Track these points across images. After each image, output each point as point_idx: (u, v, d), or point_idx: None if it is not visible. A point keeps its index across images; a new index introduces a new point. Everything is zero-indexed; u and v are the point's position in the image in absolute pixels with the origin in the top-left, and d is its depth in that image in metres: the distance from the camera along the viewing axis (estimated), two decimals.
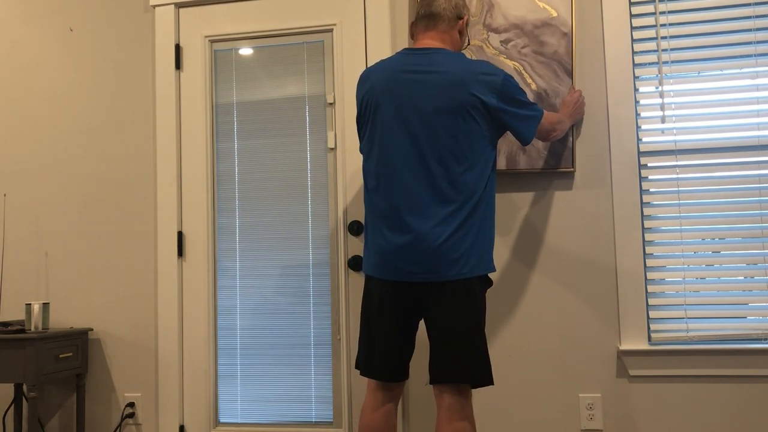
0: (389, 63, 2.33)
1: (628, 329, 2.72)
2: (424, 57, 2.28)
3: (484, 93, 2.22)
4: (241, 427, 3.04)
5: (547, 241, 2.81)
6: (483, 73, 2.24)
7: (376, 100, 2.29)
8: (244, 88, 3.13)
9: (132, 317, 3.17)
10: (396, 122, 2.25)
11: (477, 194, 2.21)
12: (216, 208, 3.13)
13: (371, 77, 2.34)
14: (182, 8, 3.19)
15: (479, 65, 2.27)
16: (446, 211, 2.19)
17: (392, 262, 2.23)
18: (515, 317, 2.82)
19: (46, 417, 3.23)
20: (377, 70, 2.34)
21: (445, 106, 2.21)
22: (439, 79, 2.23)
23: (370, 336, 2.33)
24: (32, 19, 3.37)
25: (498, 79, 2.24)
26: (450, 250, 2.18)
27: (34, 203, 3.30)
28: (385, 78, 2.30)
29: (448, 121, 2.21)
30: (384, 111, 2.28)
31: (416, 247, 2.19)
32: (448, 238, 2.18)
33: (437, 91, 2.22)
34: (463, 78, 2.22)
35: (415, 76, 2.26)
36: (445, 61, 2.26)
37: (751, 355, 2.62)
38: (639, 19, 2.80)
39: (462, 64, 2.26)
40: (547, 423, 2.78)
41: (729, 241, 2.71)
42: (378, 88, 2.30)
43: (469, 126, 2.21)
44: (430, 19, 2.35)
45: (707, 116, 2.74)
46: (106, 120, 3.26)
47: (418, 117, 2.23)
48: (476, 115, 2.22)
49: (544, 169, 2.80)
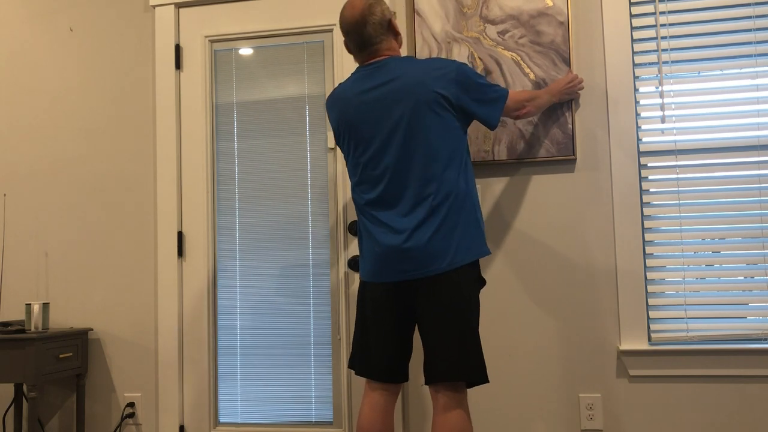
0: (349, 88, 2.36)
1: (628, 329, 2.72)
2: (377, 70, 2.32)
3: (443, 87, 2.25)
4: (241, 427, 3.04)
5: (547, 241, 2.81)
6: (436, 68, 2.28)
7: (347, 126, 2.35)
8: (244, 88, 3.13)
9: (132, 317, 3.17)
10: (371, 138, 2.30)
11: (458, 187, 2.25)
12: (216, 208, 3.13)
13: (336, 105, 2.39)
14: (182, 8, 3.19)
15: (431, 62, 2.31)
16: (429, 208, 2.22)
17: (384, 264, 2.26)
18: (515, 317, 2.82)
19: (46, 417, 3.23)
20: (339, 99, 2.38)
21: (410, 110, 2.25)
22: (398, 86, 2.27)
23: (366, 336, 2.34)
24: (32, 20, 3.37)
25: (452, 69, 2.28)
26: (437, 245, 2.20)
27: (34, 203, 3.30)
28: (348, 105, 2.34)
29: (417, 123, 2.25)
30: (357, 132, 2.33)
31: (404, 246, 2.22)
32: (434, 233, 2.21)
33: (399, 97, 2.26)
34: (419, 78, 2.26)
35: (375, 92, 2.30)
36: (398, 68, 2.30)
37: (751, 355, 2.62)
38: (639, 19, 2.80)
39: (415, 65, 2.30)
40: (547, 423, 2.78)
41: (729, 241, 2.71)
42: (346, 115, 2.35)
43: (436, 122, 2.25)
44: (365, 46, 2.35)
45: (707, 116, 2.74)
46: (106, 120, 3.26)
47: (389, 127, 2.27)
48: (440, 110, 2.25)
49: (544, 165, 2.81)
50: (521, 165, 2.85)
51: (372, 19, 2.32)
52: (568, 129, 2.78)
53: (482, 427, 2.83)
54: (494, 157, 2.83)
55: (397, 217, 2.25)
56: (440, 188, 2.23)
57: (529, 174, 2.85)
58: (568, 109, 2.79)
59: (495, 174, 2.87)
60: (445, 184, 2.23)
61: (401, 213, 2.25)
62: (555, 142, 2.78)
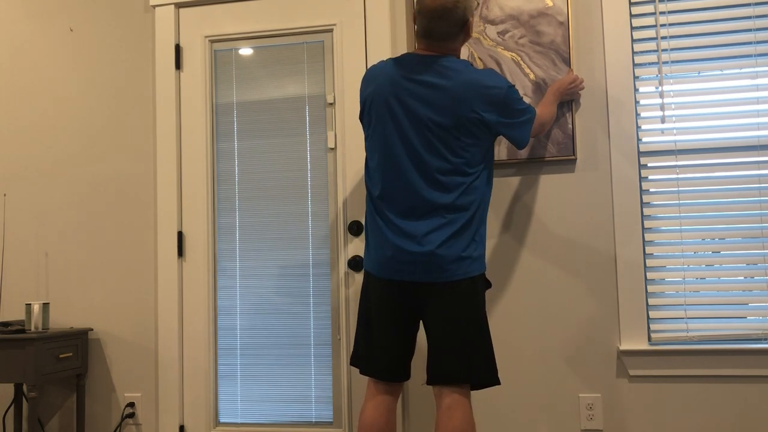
0: (395, 67, 2.31)
1: (628, 329, 2.72)
2: (434, 64, 2.27)
3: (486, 109, 2.24)
4: (241, 427, 3.04)
5: (547, 241, 2.81)
6: (486, 87, 2.24)
7: (380, 106, 2.30)
8: (244, 88, 3.13)
9: (132, 317, 3.17)
10: (398, 131, 2.27)
11: (476, 202, 2.26)
12: (216, 208, 3.13)
13: (376, 79, 2.33)
14: (182, 8, 3.19)
15: (483, 78, 2.26)
16: (446, 218, 2.22)
17: (392, 262, 2.25)
18: (515, 317, 2.82)
19: (46, 417, 3.23)
20: (382, 73, 2.32)
21: (446, 122, 2.23)
22: (442, 95, 2.23)
23: (370, 334, 2.34)
24: (32, 20, 3.37)
25: (501, 93, 2.25)
26: (447, 254, 2.21)
27: (34, 203, 3.30)
28: (389, 83, 2.29)
29: (448, 136, 2.23)
30: (387, 118, 2.29)
31: (415, 249, 2.21)
32: (447, 240, 2.21)
33: (439, 106, 2.23)
34: (465, 93, 2.22)
35: (418, 87, 2.26)
36: (453, 72, 2.25)
37: (751, 355, 2.62)
38: (639, 19, 2.80)
39: (466, 76, 2.24)
40: (547, 423, 2.78)
41: (729, 241, 2.71)
42: (382, 93, 2.29)
43: (467, 138, 2.24)
44: (433, 36, 2.29)
45: (707, 116, 2.74)
46: (106, 120, 3.26)
47: (419, 129, 2.25)
48: (476, 131, 2.25)
49: (544, 165, 2.81)
50: (521, 165, 2.85)
51: (453, 14, 2.25)
52: (568, 129, 2.78)
53: (482, 427, 2.83)
54: (494, 157, 2.83)
55: (410, 220, 2.24)
56: (458, 201, 2.23)
57: (529, 174, 2.85)
58: (568, 109, 2.79)
59: (495, 174, 2.87)
60: (463, 197, 2.23)
61: (414, 216, 2.24)
62: (555, 142, 2.78)
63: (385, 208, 2.28)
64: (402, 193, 2.26)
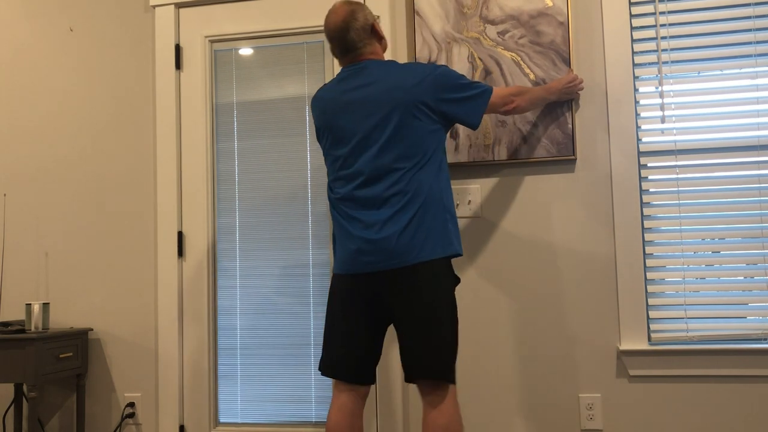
0: (332, 88, 2.42)
1: (628, 329, 2.72)
2: (359, 72, 2.37)
3: (422, 91, 2.29)
4: (241, 427, 3.04)
5: (547, 241, 2.81)
6: (416, 73, 2.31)
7: (328, 123, 2.38)
8: (244, 88, 3.13)
9: (132, 317, 3.17)
10: (350, 137, 2.33)
11: (430, 188, 2.28)
12: (216, 208, 3.13)
13: (319, 104, 2.43)
14: (182, 8, 3.19)
15: (410, 66, 2.35)
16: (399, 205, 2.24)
17: (354, 257, 2.27)
18: (515, 317, 2.82)
19: (46, 417, 3.23)
20: (322, 98, 2.43)
21: (389, 112, 2.28)
22: (378, 89, 2.31)
23: (332, 333, 2.34)
24: (32, 20, 3.37)
25: (429, 73, 2.31)
26: (406, 240, 2.22)
27: (34, 203, 3.30)
28: (330, 103, 2.39)
29: (395, 125, 2.28)
30: (338, 130, 2.36)
31: (374, 238, 2.24)
32: (404, 228, 2.22)
33: (379, 100, 2.30)
34: (399, 82, 2.30)
35: (356, 93, 2.34)
36: (379, 71, 2.34)
37: (751, 355, 2.62)
38: (639, 19, 2.80)
39: (395, 69, 2.34)
40: (547, 423, 2.78)
41: (729, 241, 2.71)
42: (327, 113, 2.39)
43: (414, 125, 2.28)
44: (348, 50, 2.40)
45: (707, 116, 2.74)
46: (106, 120, 3.26)
47: (367, 127, 2.30)
48: (419, 114, 2.28)
49: (543, 165, 2.81)
50: (521, 165, 2.85)
51: (355, 24, 2.36)
52: (568, 129, 2.78)
53: (482, 427, 2.83)
54: (494, 157, 2.83)
55: (370, 211, 2.27)
56: (411, 187, 2.25)
57: (530, 174, 2.85)
58: (568, 109, 2.79)
59: (495, 174, 2.87)
60: (416, 183, 2.26)
61: (374, 208, 2.27)
62: (555, 142, 2.78)
63: (347, 208, 2.32)
64: (360, 190, 2.30)
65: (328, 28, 2.40)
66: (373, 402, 2.90)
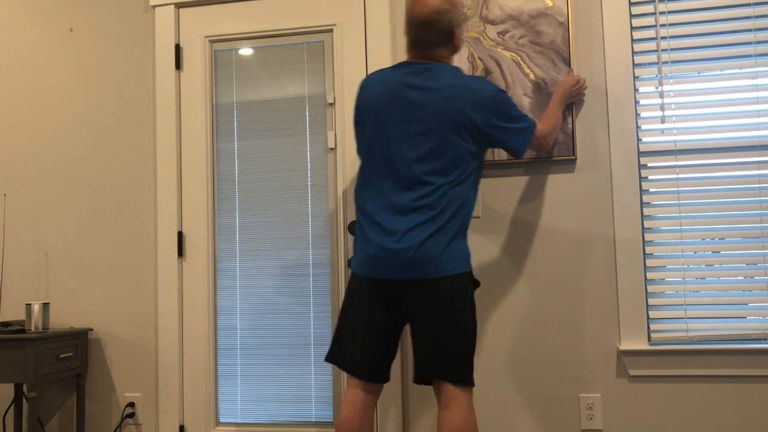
0: (390, 76, 2.36)
1: (628, 329, 2.72)
2: (425, 72, 2.32)
3: (475, 111, 2.27)
4: (241, 427, 3.04)
5: (547, 241, 2.81)
6: (473, 90, 2.29)
7: (375, 112, 2.34)
8: (244, 88, 3.13)
9: (132, 317, 3.17)
10: (389, 135, 2.31)
11: (461, 204, 2.28)
12: (216, 208, 3.13)
13: (373, 88, 2.38)
14: (182, 8, 3.19)
15: (472, 82, 2.31)
16: (427, 217, 2.24)
17: (375, 261, 2.27)
18: (515, 317, 2.82)
19: (46, 417, 3.23)
20: (378, 82, 2.37)
21: (435, 124, 2.27)
22: (434, 97, 2.28)
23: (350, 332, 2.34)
24: (32, 20, 3.37)
25: (488, 95, 2.29)
26: (430, 250, 2.22)
27: (34, 203, 3.30)
28: (385, 91, 2.34)
29: (439, 140, 2.26)
30: (380, 123, 2.33)
31: (395, 246, 2.23)
32: (428, 238, 2.22)
33: (431, 109, 2.28)
34: (456, 96, 2.27)
35: (413, 93, 2.30)
36: (442, 78, 2.30)
37: (751, 355, 2.62)
38: (639, 19, 2.80)
39: (456, 81, 2.30)
40: (547, 423, 2.78)
41: (729, 241, 2.71)
42: (378, 100, 2.34)
43: (458, 144, 2.27)
44: (420, 46, 2.36)
45: (707, 116, 2.74)
46: (106, 120, 3.26)
47: (409, 131, 2.29)
48: (465, 134, 2.28)
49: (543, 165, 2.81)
50: (521, 165, 2.85)
51: (438, 25, 2.31)
52: (568, 129, 2.78)
53: (482, 427, 2.83)
54: (494, 157, 2.83)
55: (393, 217, 2.26)
56: (441, 202, 2.25)
57: (529, 174, 2.85)
58: (568, 110, 2.79)
59: (495, 174, 2.87)
60: (447, 199, 2.25)
61: (398, 214, 2.26)
62: (555, 142, 2.78)
63: (370, 209, 2.31)
64: (388, 193, 2.29)
65: (412, 15, 2.33)
66: None
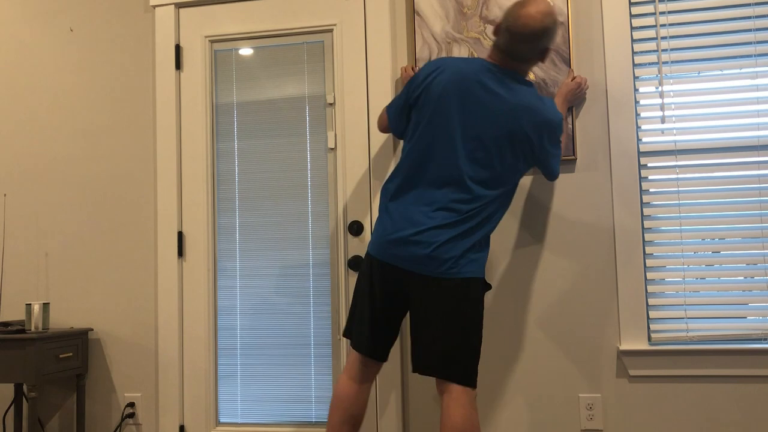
0: (467, 66, 2.33)
1: (628, 329, 2.72)
2: (501, 78, 2.31)
3: (535, 132, 2.30)
4: (241, 427, 3.04)
5: (547, 241, 2.81)
6: (541, 113, 2.30)
7: (440, 97, 2.31)
8: (244, 88, 3.13)
9: (132, 317, 3.17)
10: (448, 126, 2.29)
11: (491, 216, 2.31)
12: (216, 208, 3.13)
13: (446, 72, 2.33)
14: (182, 8, 3.19)
15: (542, 105, 2.31)
16: (458, 219, 2.25)
17: (386, 247, 2.29)
18: (515, 317, 2.82)
19: (46, 417, 3.23)
20: (453, 69, 2.33)
21: (495, 132, 2.27)
22: (501, 107, 2.27)
23: (358, 310, 2.40)
24: (32, 20, 3.37)
25: (553, 121, 2.33)
26: (446, 251, 2.23)
27: (34, 203, 3.30)
28: (459, 80, 2.31)
29: (492, 147, 2.27)
30: (442, 110, 2.31)
31: (411, 239, 2.24)
32: (448, 241, 2.23)
33: (495, 115, 2.27)
34: (522, 114, 2.27)
35: (483, 93, 2.29)
36: (516, 92, 2.30)
37: (751, 355, 2.62)
38: (639, 19, 2.80)
39: (527, 100, 2.29)
40: (547, 423, 2.78)
41: (729, 241, 2.71)
42: (448, 87, 2.31)
43: (510, 160, 2.30)
44: (512, 54, 2.32)
45: (707, 116, 2.74)
46: (106, 120, 3.26)
47: (467, 132, 2.28)
48: (519, 150, 2.30)
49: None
50: None
51: (538, 43, 2.30)
52: (568, 129, 2.78)
53: (483, 427, 2.82)
54: None
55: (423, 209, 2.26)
56: (478, 211, 2.27)
57: (529, 174, 2.85)
58: (568, 110, 2.79)
59: None
60: (485, 210, 2.28)
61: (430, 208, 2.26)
62: None
63: (401, 193, 2.32)
64: (425, 184, 2.29)
65: (516, 24, 2.27)
66: (373, 400, 2.90)
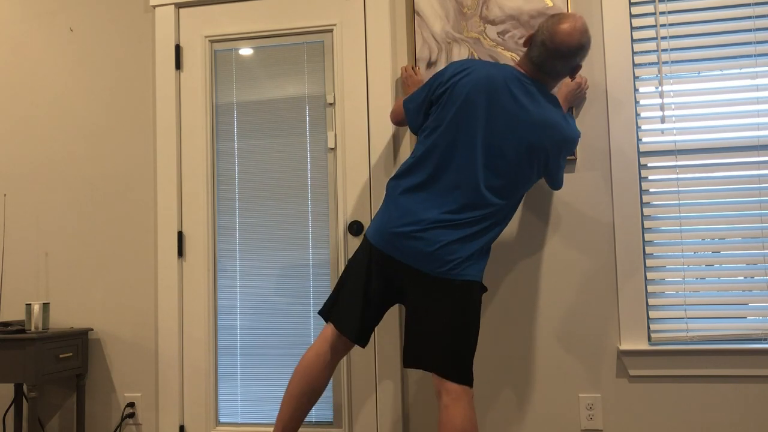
0: (498, 72, 2.31)
1: (628, 329, 2.72)
2: (528, 89, 2.30)
3: (554, 148, 2.32)
4: (241, 427, 3.04)
5: (547, 242, 2.81)
6: (562, 131, 2.31)
7: (468, 97, 2.29)
8: (244, 88, 3.13)
9: (132, 317, 3.17)
10: (470, 131, 2.28)
11: (498, 224, 2.32)
12: (216, 208, 3.13)
13: (473, 74, 2.31)
14: (182, 8, 3.19)
15: (564, 123, 2.33)
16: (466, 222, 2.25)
17: (387, 238, 2.29)
18: (515, 317, 2.82)
19: (46, 417, 3.23)
20: (484, 72, 2.30)
21: (516, 143, 2.27)
22: (524, 117, 2.27)
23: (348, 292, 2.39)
24: (32, 20, 3.37)
25: (571, 140, 2.35)
26: (449, 252, 2.23)
27: (34, 203, 3.30)
28: (489, 84, 2.29)
29: (513, 159, 2.27)
30: (468, 112, 2.29)
31: (413, 234, 2.24)
32: (453, 242, 2.23)
33: (519, 129, 2.27)
34: (543, 130, 2.28)
35: (509, 101, 2.28)
36: (541, 107, 2.30)
37: (751, 355, 2.62)
38: (639, 19, 2.80)
39: (550, 117, 2.30)
40: (547, 423, 2.78)
41: (729, 241, 2.71)
42: (478, 88, 2.29)
43: (526, 171, 2.31)
44: (545, 69, 2.31)
45: (707, 116, 2.74)
46: (106, 120, 3.26)
47: (491, 140, 2.28)
48: (536, 163, 2.31)
49: None
50: None
51: (571, 61, 2.30)
52: None
53: (482, 426, 2.83)
54: None
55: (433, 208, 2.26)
56: (488, 218, 2.28)
57: None
58: (568, 110, 2.79)
59: None
60: (494, 217, 2.29)
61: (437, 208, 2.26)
62: None
63: (415, 191, 2.30)
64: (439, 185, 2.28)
65: (553, 41, 2.26)
66: (373, 398, 2.90)
